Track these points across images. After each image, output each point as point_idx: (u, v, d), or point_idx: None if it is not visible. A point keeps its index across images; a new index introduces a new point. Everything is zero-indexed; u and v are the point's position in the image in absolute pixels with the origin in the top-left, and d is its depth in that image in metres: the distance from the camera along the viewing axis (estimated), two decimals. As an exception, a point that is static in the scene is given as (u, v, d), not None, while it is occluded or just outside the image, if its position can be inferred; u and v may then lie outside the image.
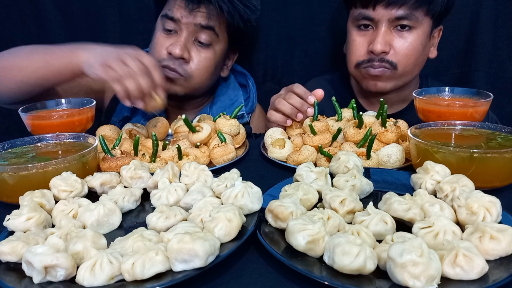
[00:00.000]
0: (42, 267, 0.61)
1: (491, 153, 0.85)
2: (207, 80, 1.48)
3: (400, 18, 1.31)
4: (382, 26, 1.33)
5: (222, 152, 1.10)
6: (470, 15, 1.62)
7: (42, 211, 0.78)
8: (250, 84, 1.64)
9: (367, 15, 1.34)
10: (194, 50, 1.40)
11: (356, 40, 1.40)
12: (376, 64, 1.36)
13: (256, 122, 1.64)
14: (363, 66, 1.40)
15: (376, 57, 1.36)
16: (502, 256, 0.64)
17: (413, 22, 1.33)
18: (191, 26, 1.37)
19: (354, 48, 1.41)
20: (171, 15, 1.37)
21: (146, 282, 0.61)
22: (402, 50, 1.35)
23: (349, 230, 0.69)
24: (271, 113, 1.29)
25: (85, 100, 1.27)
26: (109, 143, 1.10)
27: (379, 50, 1.33)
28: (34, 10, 1.66)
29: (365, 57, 1.38)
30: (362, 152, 1.05)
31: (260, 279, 0.65)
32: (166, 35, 1.40)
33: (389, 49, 1.35)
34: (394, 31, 1.35)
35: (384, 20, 1.33)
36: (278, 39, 1.72)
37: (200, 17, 1.36)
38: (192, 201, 0.82)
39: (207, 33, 1.39)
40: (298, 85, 1.27)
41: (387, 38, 1.34)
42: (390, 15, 1.31)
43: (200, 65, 1.41)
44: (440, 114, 1.13)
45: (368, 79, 1.42)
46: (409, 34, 1.35)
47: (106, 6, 1.68)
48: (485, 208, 0.72)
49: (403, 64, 1.37)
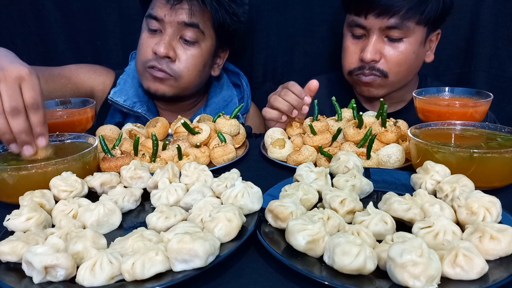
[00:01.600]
0: (42, 267, 0.61)
1: (491, 153, 0.85)
2: (196, 79, 1.45)
3: (391, 27, 1.32)
4: (373, 35, 1.35)
5: (222, 152, 1.10)
6: (470, 15, 1.62)
7: (42, 211, 0.78)
8: (244, 83, 1.62)
9: (359, 23, 1.36)
10: (179, 48, 1.38)
11: (349, 47, 1.42)
12: (366, 72, 1.39)
13: (251, 122, 1.63)
14: (354, 74, 1.42)
15: (366, 65, 1.37)
16: (502, 256, 0.64)
17: (404, 32, 1.33)
18: (175, 24, 1.35)
19: (347, 54, 1.44)
20: (154, 14, 1.36)
21: (146, 282, 0.61)
22: (393, 59, 1.36)
23: (349, 230, 0.69)
24: (266, 110, 1.30)
25: (85, 100, 1.27)
26: (109, 143, 1.10)
27: (369, 59, 1.35)
28: (34, 10, 1.66)
29: (356, 65, 1.40)
30: (362, 152, 1.05)
31: (260, 279, 0.65)
32: (150, 35, 1.39)
33: (379, 57, 1.36)
34: (385, 40, 1.35)
35: (375, 29, 1.34)
36: (278, 39, 1.72)
37: (182, 14, 1.34)
38: (192, 201, 0.82)
39: (191, 30, 1.36)
40: (294, 84, 1.27)
41: (378, 46, 1.35)
42: (381, 24, 1.32)
43: (188, 63, 1.39)
44: (440, 114, 1.13)
45: (360, 85, 1.45)
46: (400, 43, 1.35)
47: (106, 6, 1.68)
48: (485, 208, 0.72)
49: (394, 72, 1.38)
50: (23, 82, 0.87)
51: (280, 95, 1.26)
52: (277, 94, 1.28)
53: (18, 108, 0.86)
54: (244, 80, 1.63)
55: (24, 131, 0.88)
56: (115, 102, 1.46)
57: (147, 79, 1.42)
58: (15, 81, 0.86)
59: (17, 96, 0.86)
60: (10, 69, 0.87)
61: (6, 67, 0.87)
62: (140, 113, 1.48)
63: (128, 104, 1.47)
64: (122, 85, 1.50)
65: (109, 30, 1.70)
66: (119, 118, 1.54)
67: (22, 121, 0.87)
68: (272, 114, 1.27)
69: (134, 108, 1.47)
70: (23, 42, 1.67)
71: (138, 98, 1.49)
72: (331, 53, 1.73)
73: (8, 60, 0.90)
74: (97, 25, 1.69)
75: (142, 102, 1.49)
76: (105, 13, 1.69)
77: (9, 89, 0.85)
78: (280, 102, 1.25)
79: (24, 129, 0.88)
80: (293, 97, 1.23)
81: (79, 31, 1.69)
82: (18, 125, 0.87)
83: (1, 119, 0.86)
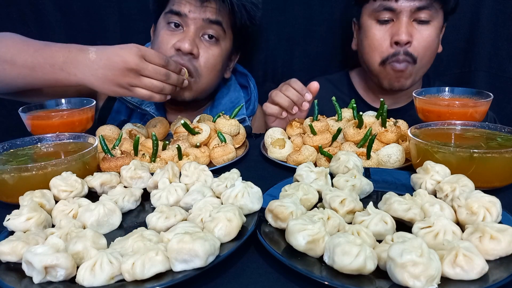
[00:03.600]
0: (42, 267, 0.61)
1: (491, 153, 0.85)
2: (213, 80, 1.46)
3: (421, 8, 1.31)
4: (403, 17, 1.33)
5: (222, 152, 1.10)
6: (470, 15, 1.62)
7: (42, 211, 0.78)
8: (252, 85, 1.62)
9: (389, 6, 1.33)
10: (202, 46, 1.37)
11: (377, 34, 1.38)
12: (401, 58, 1.36)
13: (257, 123, 1.63)
14: (388, 62, 1.38)
15: (401, 50, 1.35)
16: (502, 256, 0.64)
17: (431, 14, 1.33)
18: (199, 21, 1.34)
19: (376, 42, 1.39)
20: (177, 9, 1.34)
21: (146, 282, 0.61)
22: (422, 43, 1.35)
23: (349, 230, 0.69)
24: (267, 105, 1.30)
25: (85, 100, 1.27)
26: (109, 143, 1.10)
27: (405, 39, 1.32)
28: (34, 10, 1.66)
29: (390, 51, 1.37)
30: (362, 152, 1.05)
31: (260, 279, 0.65)
32: (171, 31, 1.37)
33: (412, 40, 1.34)
34: (414, 23, 1.35)
35: (406, 11, 1.32)
36: (278, 39, 1.72)
37: (209, 12, 1.34)
38: (192, 201, 0.82)
39: (215, 28, 1.36)
40: (295, 80, 1.28)
41: (409, 29, 1.34)
42: (412, 6, 1.31)
43: (208, 63, 1.39)
44: (440, 114, 1.13)
45: (392, 76, 1.41)
46: (428, 26, 1.35)
47: (106, 6, 1.68)
48: (485, 208, 0.72)
49: (421, 58, 1.37)
50: (139, 54, 1.11)
51: (281, 90, 1.26)
52: (277, 90, 1.28)
53: (159, 71, 1.14)
54: (252, 82, 1.63)
55: (176, 80, 1.20)
56: (123, 98, 1.46)
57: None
58: (134, 60, 1.10)
59: (149, 66, 1.12)
60: (117, 50, 1.11)
61: (112, 51, 1.11)
62: (148, 111, 1.48)
63: (136, 100, 1.47)
64: None
65: (109, 30, 1.70)
66: (124, 116, 1.54)
67: (169, 77, 1.17)
68: (273, 109, 1.28)
69: (142, 106, 1.47)
70: (23, 42, 1.66)
71: None
72: (331, 53, 1.74)
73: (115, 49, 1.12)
74: (97, 25, 1.69)
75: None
76: (105, 13, 1.69)
77: (141, 68, 1.11)
78: (281, 97, 1.25)
79: (175, 78, 1.19)
80: (294, 92, 1.24)
81: (79, 31, 1.69)
82: (173, 81, 1.18)
83: (157, 83, 1.14)
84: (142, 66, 1.11)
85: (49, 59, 1.14)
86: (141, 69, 1.11)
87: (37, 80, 1.17)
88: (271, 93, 1.31)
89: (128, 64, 1.10)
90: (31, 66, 1.15)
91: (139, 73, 1.12)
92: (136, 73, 1.11)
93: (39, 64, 1.14)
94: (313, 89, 1.26)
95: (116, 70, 1.10)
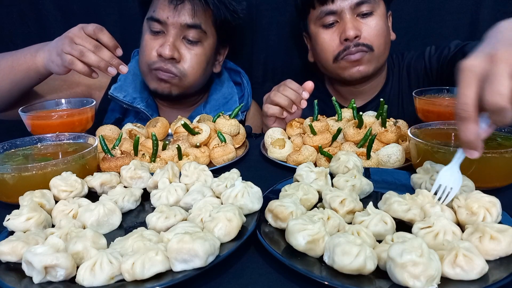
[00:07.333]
0: (42, 267, 0.61)
1: (491, 153, 0.85)
2: (201, 77, 1.48)
3: (360, 3, 1.36)
4: (346, 15, 1.37)
5: (222, 152, 1.10)
6: (470, 15, 1.63)
7: (42, 211, 0.78)
8: (245, 81, 1.63)
9: (329, 9, 1.37)
10: (183, 48, 1.40)
11: (326, 38, 1.42)
12: (353, 50, 1.39)
13: (252, 120, 1.64)
14: (341, 57, 1.41)
15: (351, 44, 1.38)
16: (502, 256, 0.64)
17: (372, 6, 1.38)
18: (178, 25, 1.36)
19: (326, 45, 1.43)
20: (156, 16, 1.37)
21: (146, 282, 0.61)
22: (372, 32, 1.39)
23: (349, 230, 0.69)
24: (268, 106, 1.31)
25: (85, 100, 1.27)
26: (109, 143, 1.10)
27: (353, 34, 1.36)
28: (34, 10, 1.66)
29: (341, 48, 1.40)
30: (362, 152, 1.05)
31: (260, 279, 0.65)
32: (153, 37, 1.40)
33: (360, 33, 1.38)
34: (358, 18, 1.38)
35: (346, 9, 1.36)
36: (278, 39, 1.72)
37: (185, 15, 1.35)
38: (192, 201, 0.82)
39: (194, 31, 1.38)
40: (291, 81, 1.30)
41: (355, 24, 1.37)
42: (350, 3, 1.35)
43: (192, 63, 1.41)
44: (440, 114, 1.13)
45: (349, 67, 1.43)
46: (372, 17, 1.39)
47: (106, 6, 1.68)
48: (485, 208, 0.72)
49: (377, 45, 1.40)
50: (81, 28, 1.17)
51: (279, 90, 1.28)
52: (275, 90, 1.30)
53: (94, 42, 1.15)
54: (245, 78, 1.64)
55: (108, 56, 1.17)
56: (115, 98, 1.48)
57: (153, 80, 1.44)
58: (76, 31, 1.16)
59: (86, 36, 1.16)
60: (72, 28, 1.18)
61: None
62: (139, 109, 1.49)
63: (128, 99, 1.48)
64: (122, 81, 1.51)
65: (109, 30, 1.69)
66: (119, 114, 1.55)
67: (102, 50, 1.16)
68: (274, 110, 1.29)
69: (133, 104, 1.48)
70: (23, 42, 1.66)
71: (137, 94, 1.51)
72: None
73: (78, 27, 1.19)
74: (97, 25, 1.69)
75: (142, 98, 1.51)
76: (105, 13, 1.69)
77: (79, 37, 1.15)
78: (280, 97, 1.27)
79: (107, 54, 1.17)
80: (291, 92, 1.26)
81: (79, 31, 1.69)
82: (104, 55, 1.16)
83: (92, 55, 1.14)
84: (76, 33, 1.16)
85: (24, 52, 1.26)
86: (74, 36, 1.15)
87: (18, 76, 1.25)
88: (266, 96, 1.33)
89: (68, 33, 1.17)
90: (11, 65, 1.25)
91: (73, 41, 1.15)
92: (71, 40, 1.15)
93: (17, 58, 1.25)
94: (308, 88, 1.28)
95: (58, 41, 1.18)
